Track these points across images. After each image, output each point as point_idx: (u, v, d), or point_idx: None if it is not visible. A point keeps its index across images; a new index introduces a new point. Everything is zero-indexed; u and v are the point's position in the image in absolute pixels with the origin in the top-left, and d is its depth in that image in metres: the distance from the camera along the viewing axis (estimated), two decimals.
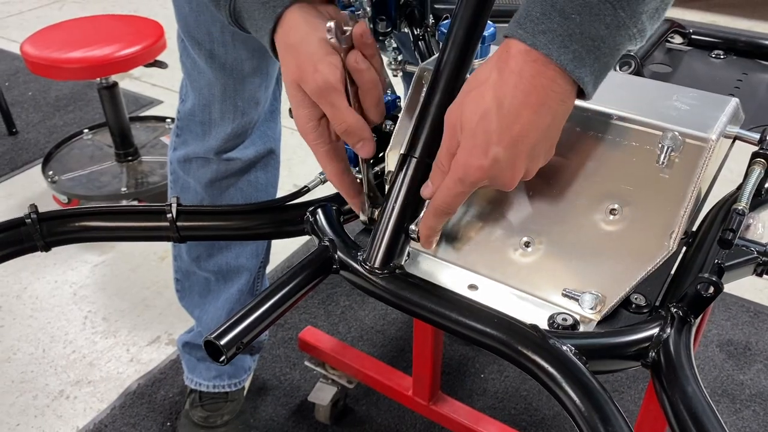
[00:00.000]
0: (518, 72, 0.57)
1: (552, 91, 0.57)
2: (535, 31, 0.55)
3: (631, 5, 0.54)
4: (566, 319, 0.65)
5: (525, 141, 0.58)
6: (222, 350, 0.59)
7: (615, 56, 0.58)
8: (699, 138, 0.63)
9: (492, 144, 0.58)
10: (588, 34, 0.55)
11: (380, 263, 0.68)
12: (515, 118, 0.57)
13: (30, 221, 0.74)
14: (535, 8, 0.56)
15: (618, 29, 0.55)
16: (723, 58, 1.15)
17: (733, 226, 0.66)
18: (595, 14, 0.54)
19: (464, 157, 0.59)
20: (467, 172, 0.59)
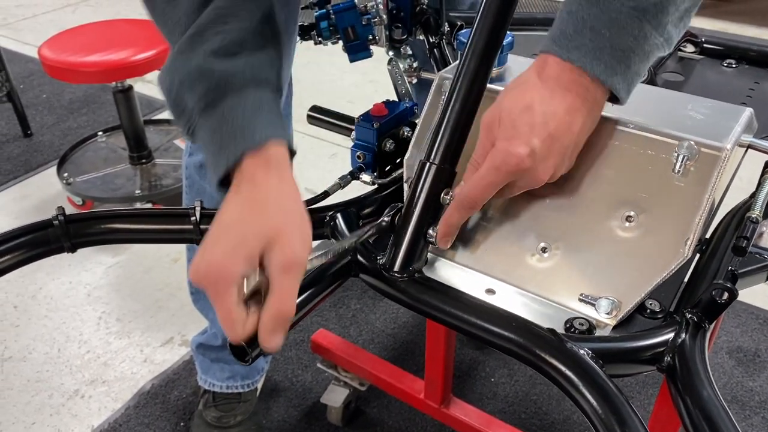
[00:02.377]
0: (556, 77, 0.62)
1: (586, 98, 0.62)
2: (569, 47, 0.61)
3: (656, 17, 0.59)
4: (583, 323, 0.66)
5: (559, 140, 0.63)
6: (247, 350, 0.61)
7: (646, 63, 0.62)
8: (714, 147, 0.65)
9: (532, 135, 0.62)
10: (618, 46, 0.60)
11: (399, 267, 0.69)
12: (552, 116, 0.62)
13: (57, 223, 0.75)
14: (568, 26, 0.61)
15: (646, 39, 0.60)
16: (735, 67, 1.16)
17: (746, 234, 0.68)
18: (622, 28, 0.59)
19: (504, 145, 0.63)
20: (505, 160, 0.63)
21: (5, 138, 2.46)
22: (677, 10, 0.59)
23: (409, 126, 0.88)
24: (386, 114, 0.86)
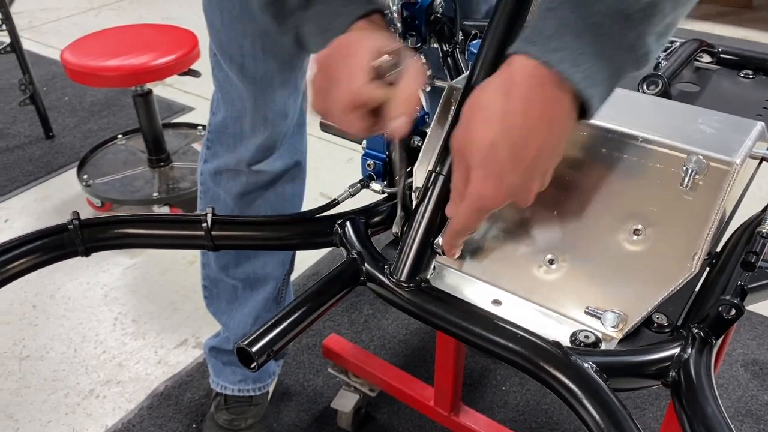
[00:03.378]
0: (526, 98, 0.56)
1: (560, 112, 0.57)
2: (546, 49, 0.55)
3: (638, 27, 0.55)
4: (588, 336, 0.66)
5: (537, 164, 0.59)
6: (254, 357, 0.62)
7: (619, 78, 0.58)
8: (723, 162, 0.64)
9: (506, 173, 0.58)
10: (598, 54, 0.55)
11: (406, 277, 0.70)
12: (526, 146, 0.57)
13: (72, 227, 0.77)
14: (546, 26, 0.56)
15: (626, 51, 0.56)
16: (752, 78, 1.15)
17: (756, 249, 0.67)
18: (605, 34, 0.55)
19: (478, 187, 0.59)
20: (483, 202, 0.60)
21: (28, 139, 2.50)
22: (662, 21, 0.56)
23: (419, 135, 0.89)
24: None
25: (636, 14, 0.54)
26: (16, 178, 2.27)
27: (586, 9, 0.54)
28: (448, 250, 0.69)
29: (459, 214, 0.63)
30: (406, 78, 0.64)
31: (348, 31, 0.69)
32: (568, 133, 0.59)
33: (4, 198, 2.19)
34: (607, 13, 0.54)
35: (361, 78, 0.63)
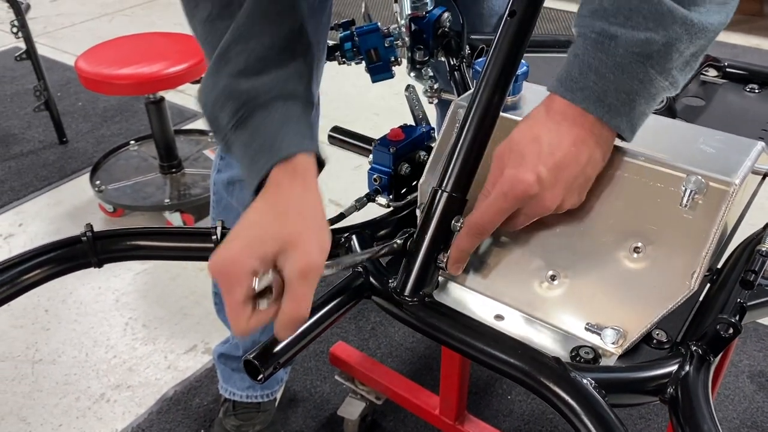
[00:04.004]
0: (562, 113, 0.64)
1: (592, 132, 0.64)
2: (573, 89, 0.63)
3: (660, 63, 0.61)
4: (588, 352, 0.67)
5: (566, 169, 0.65)
6: (260, 370, 0.63)
7: (652, 104, 0.64)
8: (722, 182, 0.65)
9: (539, 163, 0.64)
10: (622, 89, 0.62)
11: (410, 291, 0.71)
12: (558, 146, 0.64)
13: (86, 239, 0.79)
14: (573, 69, 0.63)
15: (651, 83, 0.62)
16: (758, 93, 1.16)
17: (755, 268, 0.69)
18: (627, 72, 0.61)
19: (512, 171, 0.65)
20: (513, 185, 0.64)
21: (42, 145, 2.54)
22: (681, 56, 0.61)
23: (425, 150, 0.90)
24: (403, 138, 0.88)
25: (653, 55, 0.60)
26: (31, 183, 2.31)
27: (608, 53, 0.61)
28: (454, 260, 0.70)
29: (485, 205, 0.67)
30: (288, 294, 0.60)
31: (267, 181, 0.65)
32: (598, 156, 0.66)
33: (20, 202, 2.22)
34: (626, 55, 0.60)
35: (243, 316, 0.59)
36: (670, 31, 0.59)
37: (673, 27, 0.59)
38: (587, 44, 0.63)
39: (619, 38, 0.61)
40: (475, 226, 0.68)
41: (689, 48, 0.61)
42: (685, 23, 0.59)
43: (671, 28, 0.59)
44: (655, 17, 0.59)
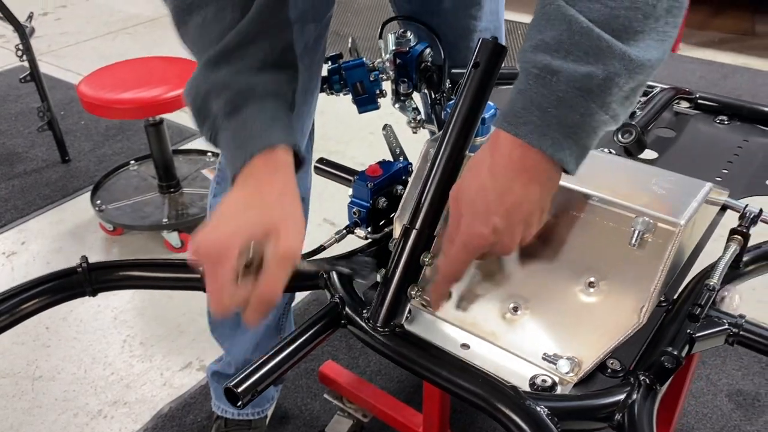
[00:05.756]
0: (508, 155, 0.66)
1: (538, 169, 0.66)
2: (517, 123, 0.65)
3: (600, 97, 0.62)
4: (545, 380, 0.72)
5: (519, 210, 0.67)
6: (239, 397, 0.68)
7: (593, 137, 0.66)
8: (669, 222, 0.70)
9: (491, 214, 0.67)
10: (564, 123, 0.63)
11: (382, 322, 0.76)
12: (508, 191, 0.66)
13: (81, 270, 0.84)
14: (517, 104, 0.65)
15: (592, 116, 0.63)
16: (727, 124, 1.21)
17: (701, 302, 0.73)
18: (569, 106, 0.62)
19: (467, 225, 0.69)
20: (471, 239, 0.68)
21: (45, 163, 2.60)
22: (621, 90, 0.62)
23: (401, 184, 0.96)
24: (380, 174, 0.93)
25: (594, 89, 0.61)
26: (34, 201, 2.37)
27: (550, 88, 0.62)
28: (436, 300, 0.76)
29: (450, 256, 0.71)
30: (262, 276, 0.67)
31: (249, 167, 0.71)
32: (549, 188, 0.68)
33: (23, 220, 2.28)
34: (568, 89, 0.62)
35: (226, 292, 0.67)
36: (610, 65, 0.61)
37: (613, 62, 0.61)
38: (530, 79, 0.64)
39: (560, 73, 0.62)
40: (447, 275, 0.74)
41: (628, 83, 0.62)
42: (623, 58, 0.61)
43: (611, 63, 0.61)
44: (596, 52, 0.60)
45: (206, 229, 0.68)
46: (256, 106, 0.75)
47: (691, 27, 3.59)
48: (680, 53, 3.38)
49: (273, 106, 0.76)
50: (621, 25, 0.60)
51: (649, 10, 0.61)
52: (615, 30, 0.60)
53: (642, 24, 0.61)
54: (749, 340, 0.76)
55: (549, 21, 0.62)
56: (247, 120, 0.74)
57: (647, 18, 0.61)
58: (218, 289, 0.67)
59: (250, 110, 0.74)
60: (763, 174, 1.05)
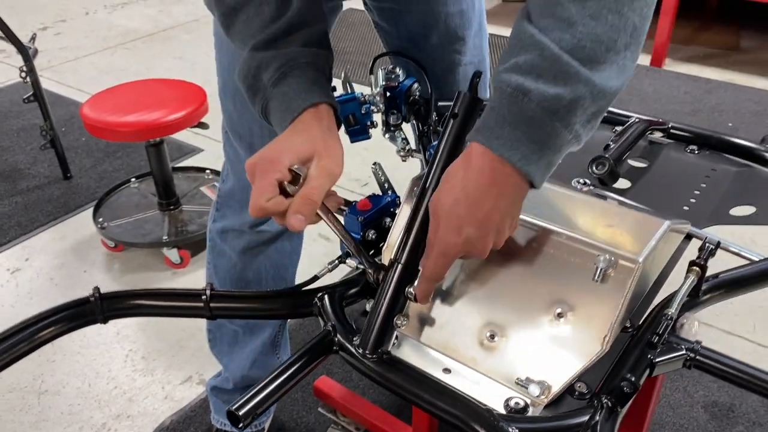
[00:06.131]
0: (480, 169, 0.73)
1: (507, 182, 0.73)
2: (490, 137, 0.71)
3: (565, 118, 0.69)
4: (518, 403, 0.79)
5: (490, 221, 0.75)
6: (241, 419, 0.75)
7: (558, 155, 0.73)
8: (629, 259, 0.78)
9: (463, 225, 0.74)
10: (532, 139, 0.70)
11: (371, 349, 0.83)
12: (480, 204, 0.73)
13: (93, 300, 0.91)
14: (490, 119, 0.71)
15: (557, 135, 0.70)
16: (697, 153, 1.28)
17: (659, 331, 0.81)
18: (537, 124, 0.69)
19: (442, 236, 0.76)
20: (446, 248, 0.76)
21: (47, 180, 2.67)
22: (584, 113, 0.69)
23: (390, 217, 1.03)
24: (370, 208, 1.00)
25: (561, 110, 0.68)
26: (36, 218, 2.43)
27: (520, 107, 0.69)
28: (421, 297, 0.83)
29: (430, 260, 0.79)
30: (307, 183, 0.80)
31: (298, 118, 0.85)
32: (518, 198, 0.75)
33: (26, 237, 2.35)
34: (537, 109, 0.68)
35: (266, 194, 0.79)
36: (576, 89, 0.67)
37: (579, 86, 0.67)
38: (503, 98, 0.70)
39: (531, 93, 0.67)
40: (429, 277, 0.81)
41: (591, 107, 0.69)
42: (588, 84, 0.67)
43: (577, 86, 0.67)
44: (564, 77, 0.67)
45: (258, 152, 0.80)
46: (299, 71, 0.86)
47: (678, 42, 3.68)
48: (666, 68, 3.47)
49: (314, 73, 0.88)
50: (587, 54, 0.67)
51: (611, 44, 0.68)
52: (581, 58, 0.67)
53: (605, 56, 0.68)
54: (705, 364, 0.84)
55: (523, 47, 0.69)
56: (293, 84, 0.86)
57: (608, 51, 0.68)
58: (261, 188, 0.78)
59: (295, 76, 0.86)
60: (727, 203, 1.13)
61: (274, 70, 0.86)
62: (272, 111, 0.88)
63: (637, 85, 3.29)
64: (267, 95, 0.88)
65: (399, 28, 1.27)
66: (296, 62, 0.87)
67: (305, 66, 0.87)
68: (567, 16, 0.67)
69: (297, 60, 0.87)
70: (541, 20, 0.69)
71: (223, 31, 0.92)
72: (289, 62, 0.86)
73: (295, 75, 0.86)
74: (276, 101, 0.87)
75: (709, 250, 0.91)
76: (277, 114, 0.87)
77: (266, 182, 0.78)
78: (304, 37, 0.89)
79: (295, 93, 0.85)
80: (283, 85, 0.86)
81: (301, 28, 0.88)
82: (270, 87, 0.87)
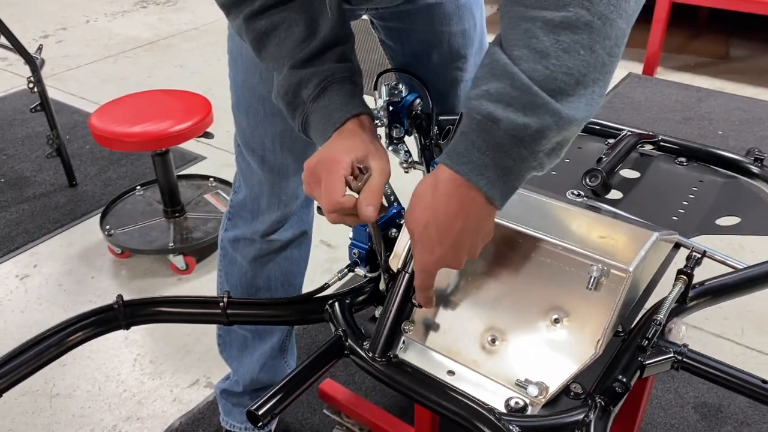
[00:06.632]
0: (447, 194, 0.75)
1: (473, 204, 0.76)
2: (459, 162, 0.73)
3: (531, 146, 0.72)
4: (518, 402, 0.85)
5: (461, 240, 0.79)
6: (260, 419, 0.81)
7: (521, 180, 0.76)
8: (620, 269, 0.84)
9: (435, 246, 0.79)
10: (499, 165, 0.73)
11: (380, 353, 0.89)
12: (449, 228, 0.78)
13: (117, 307, 0.97)
14: (459, 145, 0.74)
15: (523, 162, 0.73)
16: (686, 165, 1.35)
17: (648, 335, 0.87)
18: (504, 151, 0.71)
19: (418, 256, 0.82)
20: (423, 266, 0.83)
21: (53, 188, 2.72)
22: (549, 142, 0.72)
23: (396, 227, 1.09)
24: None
25: (527, 138, 0.70)
26: (43, 225, 2.48)
27: (489, 133, 0.71)
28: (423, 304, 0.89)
29: (416, 275, 0.85)
30: (371, 178, 0.85)
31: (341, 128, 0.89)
32: (486, 217, 0.79)
33: (34, 244, 2.40)
34: (505, 137, 0.71)
35: (340, 190, 0.84)
36: (543, 119, 0.69)
37: (546, 116, 0.69)
38: (472, 124, 0.72)
39: (501, 121, 0.69)
40: (419, 287, 0.86)
41: (556, 136, 0.71)
42: (555, 115, 0.69)
43: (544, 117, 0.69)
44: (532, 107, 0.69)
45: (318, 152, 0.86)
46: (338, 85, 0.91)
47: (669, 51, 3.75)
48: (658, 77, 3.54)
49: (351, 87, 0.92)
50: (557, 86, 0.70)
51: (581, 78, 0.71)
52: (551, 90, 0.70)
53: (574, 89, 0.71)
54: (691, 366, 0.90)
55: (495, 75, 0.71)
56: (333, 97, 0.91)
57: (578, 84, 0.71)
58: (332, 189, 0.82)
59: (334, 90, 0.91)
60: (714, 214, 1.19)
61: (314, 86, 0.91)
62: (313, 124, 0.93)
63: (629, 93, 3.36)
64: (307, 110, 0.92)
65: (404, 47, 1.33)
66: (334, 77, 0.91)
67: (342, 80, 0.92)
68: (541, 49, 0.70)
69: (335, 75, 0.91)
70: (515, 50, 0.71)
71: (255, 54, 0.97)
72: (327, 78, 0.91)
73: (334, 89, 0.91)
74: (317, 114, 0.91)
75: (695, 260, 0.98)
76: (319, 126, 0.91)
77: (335, 179, 0.83)
78: (338, 54, 0.93)
79: (336, 106, 0.90)
80: (323, 99, 0.91)
81: (334, 46, 0.94)
82: (310, 102, 0.91)
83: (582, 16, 0.69)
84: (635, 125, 1.42)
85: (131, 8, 4.81)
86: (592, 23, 0.69)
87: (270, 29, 0.94)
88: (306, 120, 0.93)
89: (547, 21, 0.70)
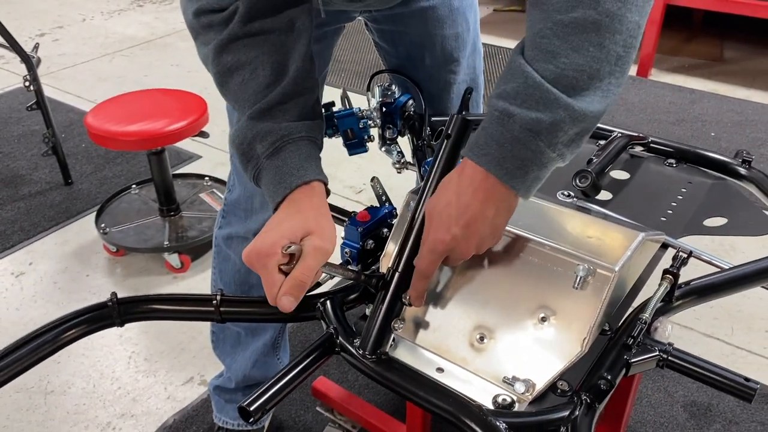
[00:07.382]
0: (471, 177, 0.81)
1: (494, 192, 0.81)
2: (479, 154, 0.79)
3: (548, 138, 0.76)
4: (506, 399, 0.86)
5: (475, 225, 0.82)
6: (252, 414, 0.83)
7: (544, 170, 0.80)
8: (606, 268, 0.86)
9: (452, 225, 0.82)
10: (518, 157, 0.78)
11: (370, 350, 0.91)
12: (467, 208, 0.81)
13: (111, 304, 0.98)
14: (480, 138, 0.79)
15: (541, 154, 0.77)
16: (675, 166, 1.36)
17: (634, 334, 0.89)
18: (522, 144, 0.77)
19: (432, 233, 0.84)
20: (435, 245, 0.84)
21: (49, 186, 2.73)
22: (566, 134, 0.76)
23: (387, 227, 1.10)
24: (368, 219, 1.07)
25: (542, 131, 0.75)
26: (39, 223, 2.49)
27: (506, 128, 0.77)
28: (415, 297, 0.90)
29: (422, 257, 0.87)
30: (300, 263, 0.83)
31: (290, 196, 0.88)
32: (503, 210, 0.83)
33: (29, 242, 2.41)
34: (521, 130, 0.76)
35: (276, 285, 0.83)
36: (556, 114, 0.74)
37: (558, 111, 0.74)
38: (492, 120, 0.78)
39: (515, 116, 0.75)
40: (420, 272, 0.88)
41: (573, 129, 0.76)
42: (567, 109, 0.74)
43: (557, 111, 0.74)
44: (544, 102, 0.74)
45: (255, 238, 0.85)
46: (293, 146, 0.90)
47: (663, 53, 3.78)
48: (652, 78, 3.57)
49: (307, 148, 0.92)
50: (569, 83, 0.75)
51: (594, 73, 0.75)
52: (563, 86, 0.75)
53: (587, 83, 0.75)
54: (676, 365, 0.91)
55: (512, 75, 0.77)
56: (287, 159, 0.90)
57: (592, 79, 0.75)
58: (269, 286, 0.83)
59: (289, 151, 0.90)
60: (701, 214, 1.21)
61: (269, 144, 0.90)
62: (264, 181, 0.92)
63: (623, 95, 3.38)
64: (260, 165, 0.91)
65: (398, 49, 1.34)
66: (291, 137, 0.90)
67: (299, 140, 0.91)
68: (551, 49, 0.75)
69: (291, 135, 0.90)
70: (529, 51, 0.77)
71: (217, 87, 0.96)
72: (284, 137, 0.90)
73: (289, 150, 0.90)
74: (269, 173, 0.90)
75: (681, 260, 0.99)
76: (270, 187, 0.90)
77: (270, 275, 0.82)
78: (298, 107, 0.92)
79: (288, 169, 0.89)
80: (276, 159, 0.90)
81: (295, 97, 0.92)
82: (264, 158, 0.90)
83: (589, 16, 0.72)
84: (629, 127, 1.44)
85: (127, 7, 4.81)
86: (600, 21, 0.72)
87: (235, 67, 0.92)
88: (258, 174, 0.93)
89: (557, 22, 0.74)
